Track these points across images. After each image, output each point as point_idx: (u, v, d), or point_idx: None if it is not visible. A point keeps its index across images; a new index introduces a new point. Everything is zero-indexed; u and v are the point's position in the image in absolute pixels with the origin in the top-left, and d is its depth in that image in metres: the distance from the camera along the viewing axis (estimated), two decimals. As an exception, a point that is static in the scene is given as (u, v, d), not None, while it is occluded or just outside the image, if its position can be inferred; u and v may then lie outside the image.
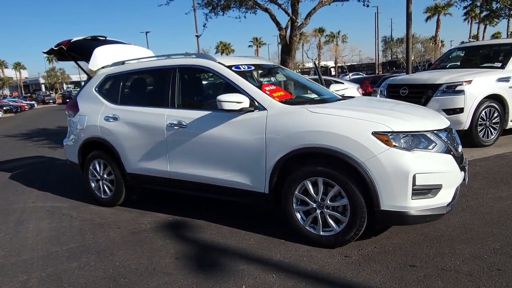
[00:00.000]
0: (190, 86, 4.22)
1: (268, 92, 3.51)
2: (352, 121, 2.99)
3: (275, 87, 3.64)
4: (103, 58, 4.95)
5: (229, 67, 3.79)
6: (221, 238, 3.50)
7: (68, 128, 5.12)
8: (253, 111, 3.43)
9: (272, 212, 3.94)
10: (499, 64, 7.13)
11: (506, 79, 6.78)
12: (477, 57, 7.98)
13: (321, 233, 3.17)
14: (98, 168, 4.65)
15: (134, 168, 4.27)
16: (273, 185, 3.33)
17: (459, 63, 8.20)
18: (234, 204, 4.35)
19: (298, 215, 3.27)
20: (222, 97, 3.37)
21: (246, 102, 3.38)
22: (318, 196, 3.13)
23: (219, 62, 3.84)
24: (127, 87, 4.55)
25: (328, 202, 3.09)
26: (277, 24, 8.23)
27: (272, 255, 3.12)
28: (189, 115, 3.80)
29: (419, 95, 6.86)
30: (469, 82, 6.49)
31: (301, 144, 3.11)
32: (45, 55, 7.21)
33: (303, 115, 3.19)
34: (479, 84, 6.52)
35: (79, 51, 5.02)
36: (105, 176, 4.61)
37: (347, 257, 3.00)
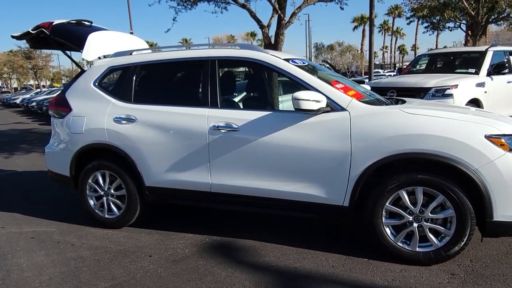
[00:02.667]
0: (235, 82, 3.59)
1: (342, 91, 3.07)
2: (460, 124, 2.69)
3: (344, 85, 3.21)
4: (99, 47, 4.06)
5: (286, 60, 3.27)
6: (292, 261, 2.97)
7: (52, 132, 4.10)
8: (329, 111, 2.96)
9: (329, 227, 3.51)
10: (473, 70, 7.53)
11: (482, 84, 7.18)
12: (448, 63, 8.39)
13: (417, 249, 2.82)
14: (101, 182, 3.76)
15: (157, 181, 3.50)
16: (355, 197, 2.90)
17: (432, 68, 8.53)
18: (275, 219, 3.81)
19: (388, 230, 2.88)
20: (300, 94, 2.85)
21: (323, 102, 2.91)
22: (416, 207, 2.78)
23: (271, 55, 3.30)
24: (143, 81, 3.75)
25: (429, 214, 2.75)
26: (259, 22, 7.78)
27: (366, 277, 2.69)
28: (241, 116, 3.19)
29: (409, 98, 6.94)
30: (456, 86, 6.72)
31: (397, 149, 2.73)
32: (15, 40, 5.67)
33: (398, 117, 2.81)
34: (464, 88, 6.79)
35: (65, 36, 4.04)
36: (111, 191, 3.74)
37: (454, 275, 2.69)
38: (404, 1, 14.44)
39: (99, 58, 4.03)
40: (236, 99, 3.55)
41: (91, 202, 3.86)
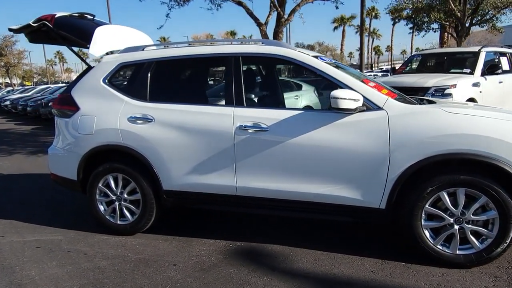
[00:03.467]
0: (262, 79, 3.43)
1: (376, 89, 2.97)
2: (504, 123, 2.63)
3: (375, 83, 3.11)
4: (107, 42, 3.82)
5: (315, 57, 3.14)
6: (328, 267, 2.84)
7: (56, 132, 3.81)
8: (364, 111, 2.85)
9: (357, 230, 3.41)
10: (468, 70, 7.64)
11: (477, 84, 7.29)
12: (441, 63, 8.50)
13: (458, 251, 2.75)
14: (113, 186, 3.52)
15: (177, 184, 3.30)
16: (393, 199, 2.80)
17: (425, 68, 8.62)
18: (297, 223, 3.68)
19: (427, 233, 2.80)
20: (338, 93, 2.73)
21: (361, 100, 2.80)
22: (457, 209, 2.71)
23: (300, 51, 3.17)
24: (160, 79, 3.52)
25: (471, 216, 2.69)
26: (256, 19, 7.63)
27: (410, 282, 2.60)
28: (270, 115, 3.04)
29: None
30: (454, 86, 6.78)
31: (439, 150, 2.65)
32: (12, 33, 5.15)
33: (440, 116, 2.73)
34: (462, 88, 6.86)
35: (69, 29, 3.76)
36: (125, 195, 3.51)
37: (497, 277, 2.64)
38: (392, 2, 14.59)
39: (107, 54, 3.78)
40: (265, 98, 3.39)
41: (101, 208, 3.61)
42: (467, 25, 12.53)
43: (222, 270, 2.85)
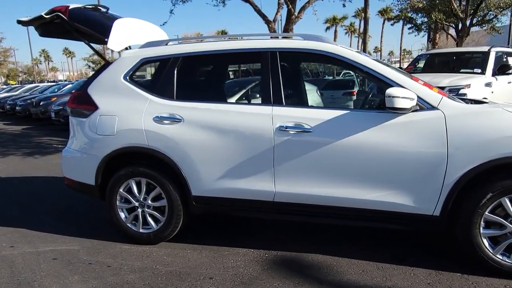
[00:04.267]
0: (301, 76, 3.20)
1: (428, 88, 2.77)
2: None
3: (423, 82, 2.92)
4: (126, 36, 3.54)
5: (359, 53, 2.93)
6: (380, 279, 2.63)
7: (71, 133, 3.52)
8: (417, 110, 2.66)
9: (399, 238, 3.21)
10: (479, 70, 7.55)
11: (489, 84, 7.20)
12: (449, 63, 8.40)
13: (519, 261, 2.57)
14: (135, 191, 3.25)
15: (207, 190, 3.06)
16: (449, 206, 2.61)
17: (433, 68, 8.50)
18: (331, 230, 3.47)
19: (485, 242, 2.61)
20: (394, 91, 2.53)
21: (415, 100, 2.60)
22: (522, 216, 2.53)
23: (343, 47, 2.95)
24: (188, 75, 3.27)
25: (536, 223, 2.51)
26: (264, 17, 7.39)
27: (473, 296, 2.41)
28: (313, 115, 2.82)
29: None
30: (469, 86, 6.68)
31: (502, 153, 2.46)
32: (21, 25, 4.65)
33: (503, 117, 2.54)
34: (475, 88, 6.76)
35: (85, 22, 3.47)
36: (149, 201, 3.24)
37: None
38: (393, 1, 14.51)
39: (126, 49, 3.50)
40: (306, 96, 3.16)
41: (122, 215, 3.33)
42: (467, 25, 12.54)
43: (265, 284, 2.62)
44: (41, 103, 13.71)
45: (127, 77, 3.30)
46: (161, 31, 4.26)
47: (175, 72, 3.20)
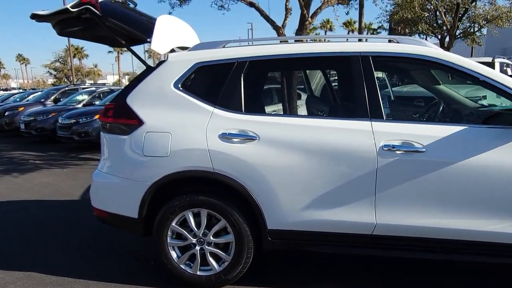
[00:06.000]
0: (400, 85, 2.74)
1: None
2: None
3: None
4: (171, 36, 2.97)
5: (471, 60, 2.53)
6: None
7: (104, 153, 2.86)
8: (550, 126, 2.28)
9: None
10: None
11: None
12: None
13: None
14: (193, 225, 2.64)
15: (288, 222, 2.52)
16: None
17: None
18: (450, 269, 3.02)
19: None
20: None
21: (552, 113, 2.22)
22: None
23: (447, 52, 2.54)
24: (258, 83, 2.75)
25: None
26: (272, 22, 6.95)
27: None
28: (425, 131, 2.37)
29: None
30: (485, 97, 6.61)
31: None
32: (35, 21, 3.72)
33: None
34: (491, 99, 6.69)
35: (120, 18, 2.84)
36: (210, 237, 2.64)
37: None
38: (382, 13, 14.63)
39: (171, 51, 2.92)
40: (410, 109, 2.72)
41: (174, 254, 2.71)
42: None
43: None
44: (6, 113, 12.43)
45: (179, 85, 2.71)
46: (194, 33, 3.69)
47: (242, 79, 2.65)
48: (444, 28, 12.47)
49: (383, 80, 3.55)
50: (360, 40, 2.83)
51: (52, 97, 12.93)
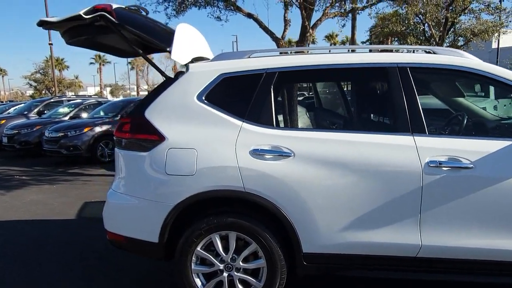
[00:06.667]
0: (440, 98, 2.63)
1: None
2: None
3: None
4: (190, 46, 2.79)
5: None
6: None
7: (121, 172, 2.61)
8: None
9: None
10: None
11: (496, 107, 7.28)
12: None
13: None
14: (221, 249, 2.42)
15: (326, 245, 2.33)
16: None
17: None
18: None
19: None
20: None
21: None
22: None
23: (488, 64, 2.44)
24: (289, 96, 2.56)
25: None
26: (272, 34, 6.85)
27: None
28: (473, 146, 2.24)
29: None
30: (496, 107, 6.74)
31: None
32: (43, 28, 3.37)
33: None
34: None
35: (137, 26, 2.64)
36: (239, 263, 2.43)
37: None
38: (371, 26, 14.78)
39: (192, 61, 2.73)
40: (450, 122, 2.59)
41: (198, 282, 2.47)
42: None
43: None
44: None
45: (203, 97, 2.51)
46: (207, 44, 3.51)
47: (271, 91, 2.48)
48: (432, 41, 12.72)
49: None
50: (396, 51, 2.71)
51: (36, 110, 12.49)
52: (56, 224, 4.61)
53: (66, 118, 10.87)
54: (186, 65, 2.64)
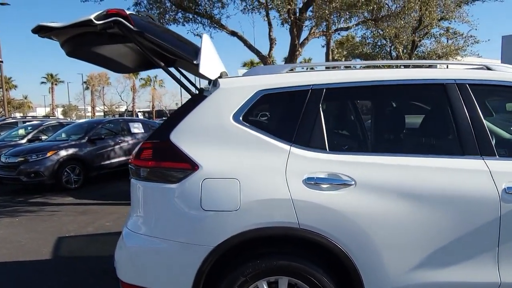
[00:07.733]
0: (489, 115, 2.42)
1: None
2: None
3: None
4: (218, 60, 2.45)
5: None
6: None
7: (140, 209, 2.15)
8: None
9: None
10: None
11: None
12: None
13: None
14: (269, 300, 2.02)
15: (394, 287, 2.01)
16: None
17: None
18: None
19: None
20: None
21: None
22: None
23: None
24: (341, 115, 2.26)
25: None
26: (258, 52, 6.62)
27: None
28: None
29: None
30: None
31: None
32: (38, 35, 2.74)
33: None
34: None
35: (157, 35, 2.24)
36: (293, 315, 2.03)
37: None
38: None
39: (220, 76, 2.36)
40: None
41: None
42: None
43: None
44: None
45: (240, 118, 2.15)
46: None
47: (320, 110, 2.17)
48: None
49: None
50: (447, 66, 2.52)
51: (-14, 132, 11.35)
52: (30, 267, 3.93)
53: (23, 141, 9.93)
54: (215, 81, 2.27)
